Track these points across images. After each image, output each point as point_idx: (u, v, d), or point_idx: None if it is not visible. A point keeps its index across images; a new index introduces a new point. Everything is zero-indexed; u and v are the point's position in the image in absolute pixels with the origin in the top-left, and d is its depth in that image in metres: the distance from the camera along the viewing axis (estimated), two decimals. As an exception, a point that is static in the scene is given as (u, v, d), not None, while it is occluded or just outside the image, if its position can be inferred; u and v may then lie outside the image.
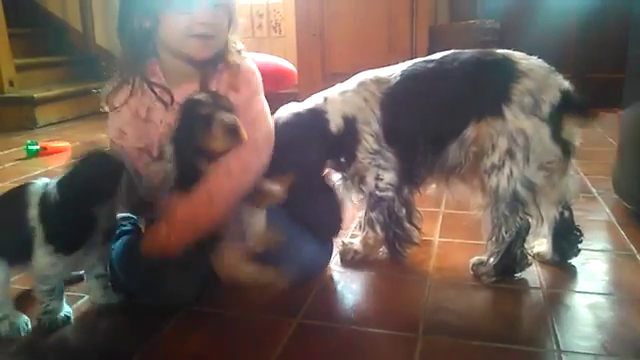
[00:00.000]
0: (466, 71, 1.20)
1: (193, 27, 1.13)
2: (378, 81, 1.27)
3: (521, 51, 1.24)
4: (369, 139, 1.24)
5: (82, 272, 1.21)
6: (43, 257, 1.03)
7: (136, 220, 1.41)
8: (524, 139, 1.15)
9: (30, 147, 2.62)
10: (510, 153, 1.15)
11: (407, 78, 1.24)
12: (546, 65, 1.22)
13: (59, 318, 1.09)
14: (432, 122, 1.23)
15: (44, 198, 1.04)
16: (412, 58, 1.29)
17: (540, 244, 1.34)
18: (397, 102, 1.24)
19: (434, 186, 1.37)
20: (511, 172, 1.16)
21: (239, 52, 1.25)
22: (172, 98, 1.21)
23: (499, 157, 1.16)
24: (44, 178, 1.10)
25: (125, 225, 1.36)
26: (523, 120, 1.15)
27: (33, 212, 1.04)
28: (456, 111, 1.21)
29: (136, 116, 1.21)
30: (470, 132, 1.19)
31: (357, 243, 1.36)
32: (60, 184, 1.03)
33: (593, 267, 1.31)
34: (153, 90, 1.21)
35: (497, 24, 3.08)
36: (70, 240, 1.04)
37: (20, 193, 1.07)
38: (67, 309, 1.11)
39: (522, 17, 3.30)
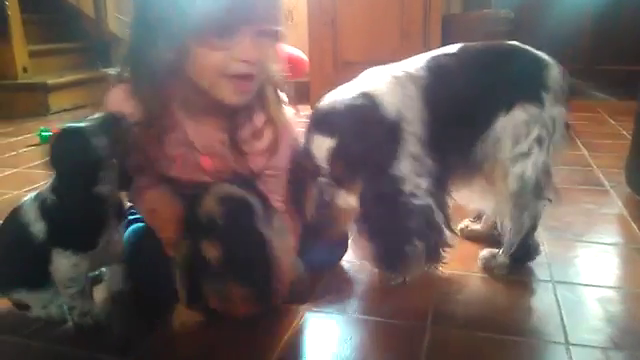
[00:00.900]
0: (493, 61, 1.17)
1: (230, 65, 0.92)
2: (411, 77, 1.14)
3: (536, 42, 1.23)
4: (411, 140, 1.10)
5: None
6: (63, 262, 1.01)
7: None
8: (553, 126, 1.16)
9: (44, 133, 2.65)
10: (539, 140, 1.15)
11: (439, 73, 1.15)
12: None
13: (99, 316, 1.06)
14: (468, 117, 1.17)
15: (43, 207, 1.01)
16: (425, 47, 1.28)
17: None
18: (436, 99, 1.13)
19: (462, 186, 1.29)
20: (536, 159, 1.16)
21: (279, 99, 1.08)
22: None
23: (529, 145, 1.15)
24: (29, 195, 1.07)
25: (134, 213, 1.35)
26: (555, 107, 1.16)
27: (38, 226, 1.01)
28: (489, 103, 1.17)
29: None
30: (500, 123, 1.16)
31: None
32: (51, 186, 1.00)
33: (604, 260, 1.30)
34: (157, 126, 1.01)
35: (511, 14, 3.04)
36: (86, 234, 1.01)
37: (15, 217, 1.04)
38: (102, 310, 1.09)
39: (536, 7, 3.27)
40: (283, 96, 1.10)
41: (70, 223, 1.00)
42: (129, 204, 1.36)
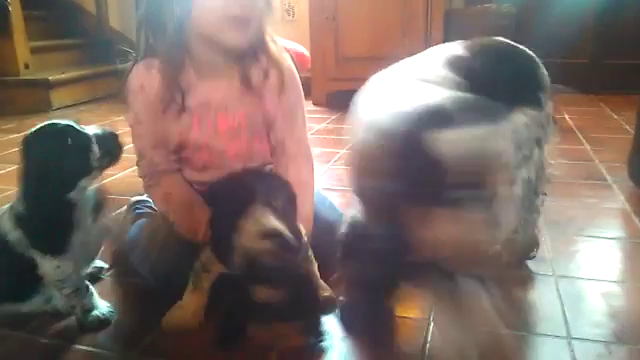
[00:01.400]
0: (501, 62, 1.13)
1: (229, 7, 1.04)
2: (455, 84, 0.98)
3: (539, 36, 1.22)
4: None
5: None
6: (46, 265, 1.00)
7: (151, 203, 1.42)
8: (547, 124, 1.14)
9: (45, 130, 2.65)
10: (538, 141, 1.13)
11: (470, 77, 1.02)
12: None
13: (102, 314, 1.06)
14: None
15: (16, 215, 1.01)
16: (426, 43, 1.26)
17: None
18: None
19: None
20: (537, 159, 1.14)
21: (278, 45, 1.18)
22: (183, 106, 1.12)
23: (530, 148, 1.11)
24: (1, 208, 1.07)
25: (140, 208, 1.35)
26: (549, 106, 1.14)
27: (14, 235, 1.01)
28: (502, 105, 1.12)
29: (153, 105, 1.12)
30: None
31: None
32: (22, 190, 1.01)
33: (606, 255, 1.30)
34: (173, 90, 1.11)
35: (513, 9, 3.03)
36: (55, 239, 1.01)
37: None
38: (106, 307, 1.09)
39: (538, 2, 3.25)
40: (279, 41, 1.20)
41: (41, 228, 1.00)
42: (134, 199, 1.37)
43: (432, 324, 1.03)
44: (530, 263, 1.24)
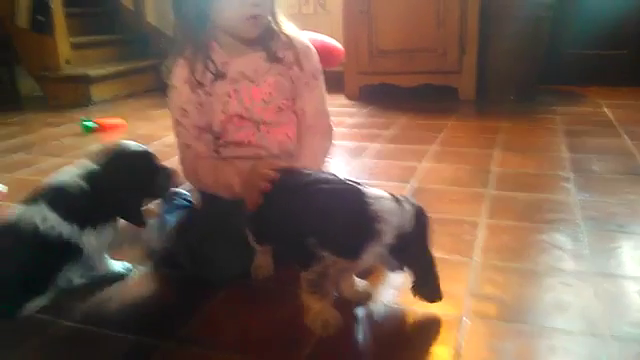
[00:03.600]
0: None
1: (245, 9, 1.17)
2: None
3: (578, 28, 1.19)
4: None
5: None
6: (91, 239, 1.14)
7: (188, 195, 1.46)
8: None
9: (85, 123, 2.73)
10: None
11: None
12: None
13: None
14: None
15: (59, 198, 1.12)
16: (462, 35, 1.24)
17: None
18: None
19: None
20: None
21: (290, 26, 1.31)
22: (217, 69, 1.26)
23: None
24: (18, 207, 1.13)
25: (177, 200, 1.40)
26: None
27: (51, 219, 1.09)
28: None
29: (195, 92, 1.25)
30: None
31: None
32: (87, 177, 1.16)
33: (647, 252, 1.27)
34: (208, 65, 1.25)
35: (552, -1, 2.96)
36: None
37: (15, 231, 1.08)
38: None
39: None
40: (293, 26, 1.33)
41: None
42: (171, 191, 1.41)
43: (465, 320, 1.02)
44: (568, 260, 1.22)
